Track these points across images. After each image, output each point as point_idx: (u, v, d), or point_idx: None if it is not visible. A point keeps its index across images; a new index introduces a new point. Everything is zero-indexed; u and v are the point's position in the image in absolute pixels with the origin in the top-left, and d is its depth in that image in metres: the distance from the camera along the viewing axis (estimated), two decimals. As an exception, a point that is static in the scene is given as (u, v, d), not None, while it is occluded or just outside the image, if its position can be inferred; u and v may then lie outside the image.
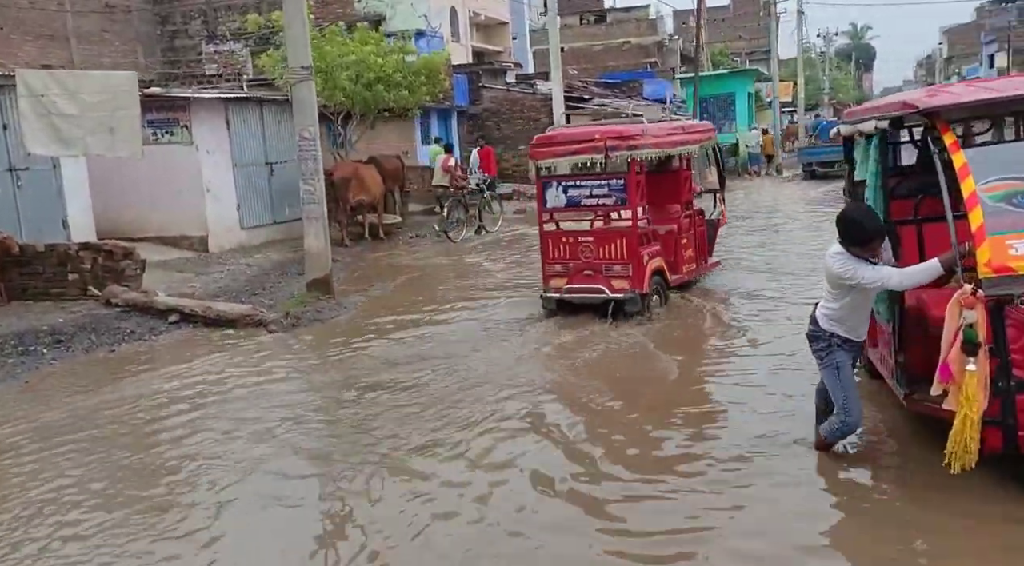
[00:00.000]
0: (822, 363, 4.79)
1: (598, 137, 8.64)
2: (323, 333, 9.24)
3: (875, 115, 4.77)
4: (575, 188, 8.92)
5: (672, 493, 4.71)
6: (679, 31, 53.44)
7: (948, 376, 3.85)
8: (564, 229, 9.00)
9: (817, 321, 4.76)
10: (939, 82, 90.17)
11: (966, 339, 3.77)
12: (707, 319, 8.83)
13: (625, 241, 8.60)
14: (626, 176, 8.64)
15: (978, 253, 3.79)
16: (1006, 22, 62.14)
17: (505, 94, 26.65)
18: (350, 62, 16.13)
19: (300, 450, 5.73)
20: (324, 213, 10.49)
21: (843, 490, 4.62)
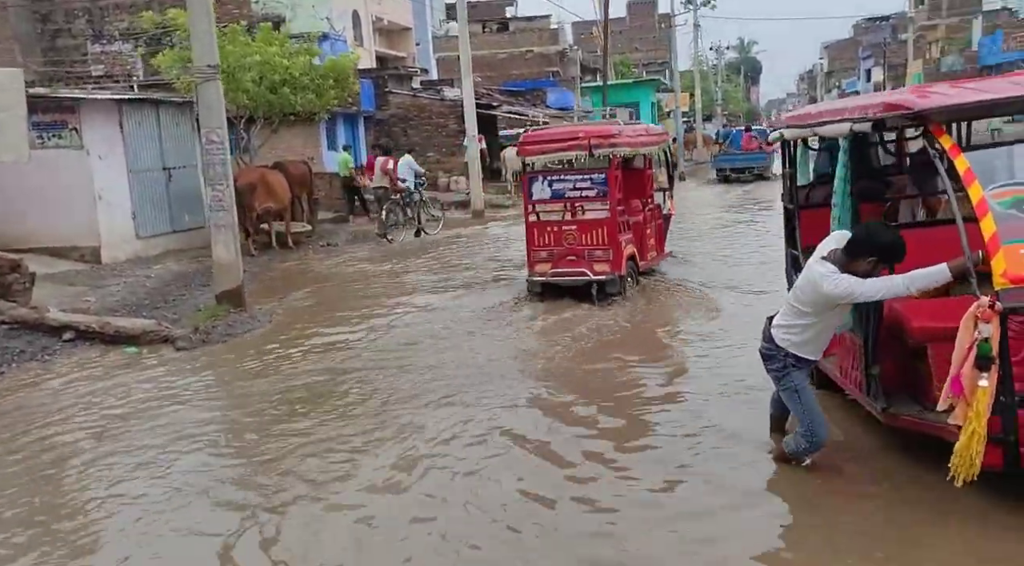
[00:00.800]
0: (779, 385, 4.64)
1: (582, 136, 9.57)
2: (236, 348, 8.67)
3: (850, 118, 4.57)
4: (559, 182, 9.82)
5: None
6: (578, 42, 54.18)
7: (960, 390, 3.68)
8: (544, 219, 9.86)
9: (772, 339, 4.55)
10: (821, 95, 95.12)
11: (980, 354, 3.60)
12: (673, 296, 10.01)
13: (606, 229, 9.52)
14: (607, 171, 9.56)
15: (993, 263, 3.64)
16: (881, 39, 66.02)
17: (412, 100, 26.27)
18: (253, 63, 15.45)
19: (221, 482, 5.26)
20: (234, 221, 9.90)
21: (800, 502, 4.52)
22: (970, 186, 3.79)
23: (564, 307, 9.36)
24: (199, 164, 15.68)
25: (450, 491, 4.84)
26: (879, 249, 4.15)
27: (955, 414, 3.76)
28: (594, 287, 9.40)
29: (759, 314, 6.78)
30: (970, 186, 3.79)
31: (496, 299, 10.15)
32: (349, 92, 17.93)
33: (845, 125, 4.57)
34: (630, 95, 30.46)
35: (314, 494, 4.90)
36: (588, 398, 6.31)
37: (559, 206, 9.80)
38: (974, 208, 3.75)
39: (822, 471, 4.72)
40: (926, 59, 50.98)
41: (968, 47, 46.67)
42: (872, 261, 4.18)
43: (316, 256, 15.30)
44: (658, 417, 5.91)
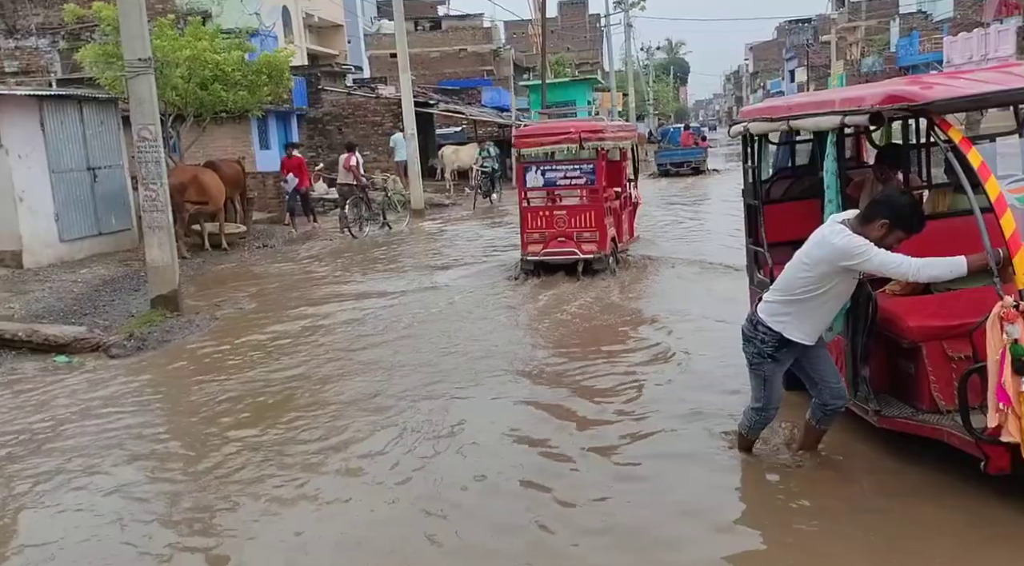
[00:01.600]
0: (753, 370, 4.51)
1: (573, 130, 10.81)
2: (175, 355, 8.28)
3: (840, 110, 4.41)
4: (552, 171, 11.04)
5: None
6: (511, 41, 54.23)
7: (1007, 400, 3.43)
8: (536, 205, 10.95)
9: (759, 321, 4.34)
10: (747, 96, 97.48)
11: (1015, 356, 3.40)
12: (647, 269, 11.52)
13: (593, 213, 10.68)
14: (595, 161, 10.80)
15: (1016, 261, 3.50)
16: (804, 40, 67.89)
17: (347, 98, 25.76)
18: (183, 58, 14.85)
19: (161, 497, 4.95)
20: (169, 221, 9.47)
21: (768, 503, 4.48)
22: (986, 181, 3.64)
23: (558, 281, 10.62)
24: (125, 164, 15.03)
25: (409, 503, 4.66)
26: (894, 210, 3.94)
27: (1007, 430, 3.50)
28: (580, 264, 10.61)
29: (712, 278, 10.19)
30: (986, 181, 3.64)
31: (444, 300, 10.02)
32: (284, 89, 17.41)
33: (836, 118, 4.42)
34: (566, 94, 30.49)
35: (258, 510, 4.65)
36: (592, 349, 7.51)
37: (553, 192, 11.03)
38: (992, 204, 3.60)
39: (783, 473, 4.66)
40: (847, 60, 52.65)
41: (887, 48, 48.34)
42: (885, 224, 3.96)
43: (252, 257, 14.82)
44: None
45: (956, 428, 4.02)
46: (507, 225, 16.58)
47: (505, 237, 14.97)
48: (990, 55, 32.04)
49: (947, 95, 4.02)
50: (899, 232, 3.97)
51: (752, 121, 5.66)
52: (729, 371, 6.05)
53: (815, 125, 4.79)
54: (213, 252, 15.09)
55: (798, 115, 5.01)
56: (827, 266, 4.07)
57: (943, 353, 4.26)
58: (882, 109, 4.14)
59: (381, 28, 46.49)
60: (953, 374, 4.22)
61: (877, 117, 4.22)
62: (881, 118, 4.27)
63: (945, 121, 3.98)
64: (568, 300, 9.61)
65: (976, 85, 4.21)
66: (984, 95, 4.17)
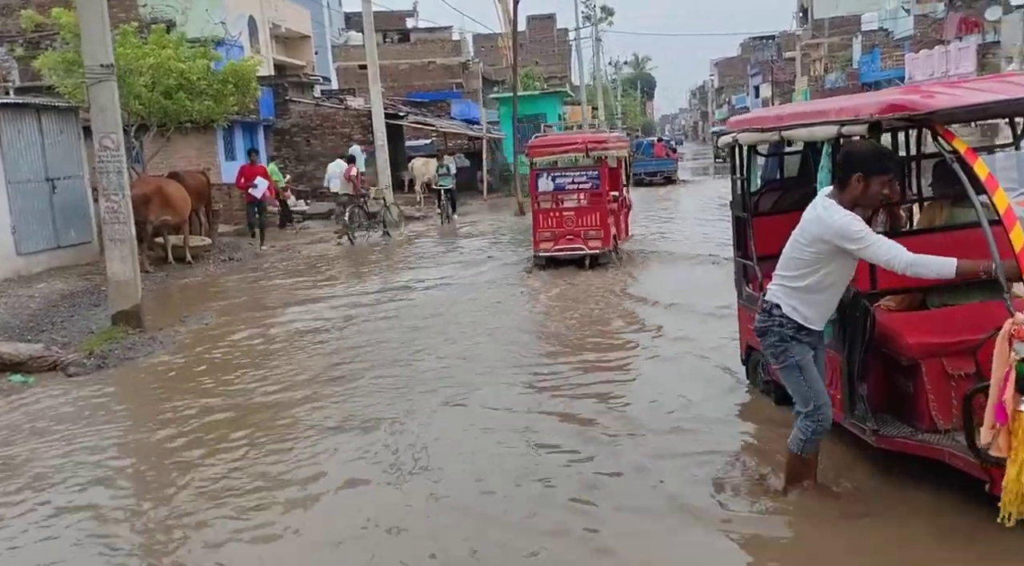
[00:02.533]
0: (778, 362, 4.14)
1: (580, 141, 12.53)
2: (137, 374, 7.92)
3: (837, 120, 4.26)
4: (561, 177, 12.45)
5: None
6: (479, 54, 54.25)
7: (1004, 418, 3.37)
8: (547, 208, 12.28)
9: (772, 308, 4.08)
10: (712, 111, 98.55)
11: (1020, 375, 3.31)
12: (644, 262, 13.02)
13: (598, 214, 12.15)
14: (599, 168, 12.33)
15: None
16: (768, 56, 68.84)
17: (315, 109, 25.45)
18: (147, 67, 14.49)
19: (120, 523, 4.64)
20: (132, 234, 9.11)
21: (745, 522, 4.29)
22: (994, 193, 3.53)
23: (569, 272, 12.04)
24: (85, 175, 14.59)
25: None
26: (859, 160, 3.81)
27: (997, 445, 3.44)
28: (587, 259, 12.10)
29: (698, 266, 11.77)
30: (994, 193, 3.53)
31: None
32: (251, 98, 17.08)
33: (832, 128, 4.27)
34: (537, 107, 30.45)
35: (220, 538, 4.38)
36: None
37: (563, 196, 12.30)
38: (1001, 216, 3.49)
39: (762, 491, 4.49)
40: (811, 76, 53.44)
41: (850, 65, 49.13)
42: (859, 177, 3.80)
43: (218, 271, 14.44)
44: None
45: (958, 448, 3.89)
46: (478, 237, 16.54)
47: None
48: (951, 72, 32.64)
49: (950, 105, 3.90)
50: (878, 178, 3.82)
51: (741, 132, 5.50)
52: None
53: (810, 135, 4.63)
54: (177, 266, 14.67)
55: (791, 125, 4.85)
56: (823, 244, 3.89)
57: (943, 371, 4.12)
58: (882, 118, 4.00)
59: (349, 40, 46.21)
60: (952, 393, 4.09)
61: (876, 126, 4.08)
62: (880, 128, 4.13)
63: (949, 131, 3.83)
64: (580, 286, 11.09)
65: (978, 94, 4.09)
66: (987, 104, 4.03)
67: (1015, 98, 4.00)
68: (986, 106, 4.05)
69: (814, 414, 4.07)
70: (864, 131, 4.11)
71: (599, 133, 14.49)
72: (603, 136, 13.51)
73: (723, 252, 10.70)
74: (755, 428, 5.38)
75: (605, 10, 51.84)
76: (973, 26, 34.86)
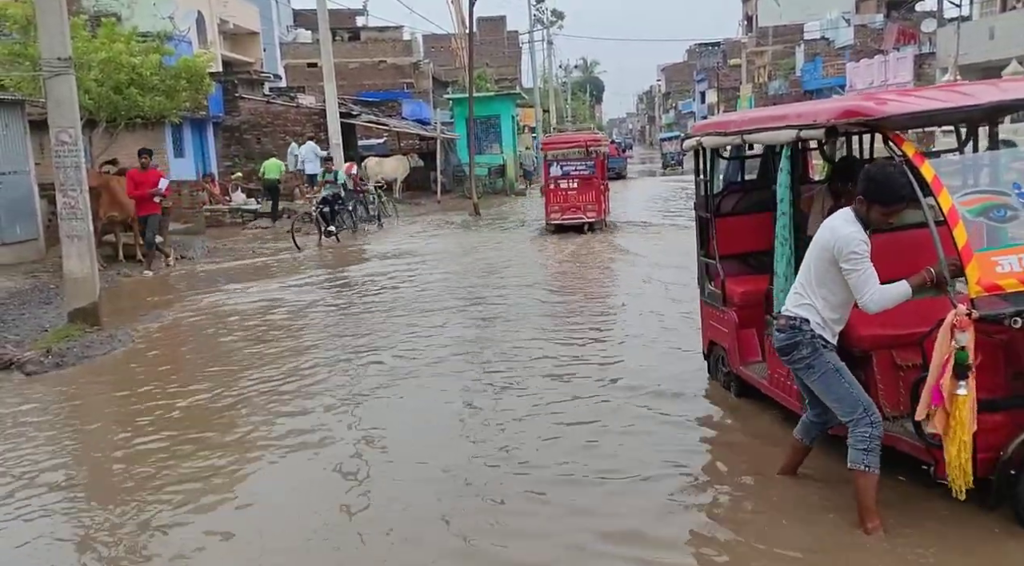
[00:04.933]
0: (814, 371, 4.02)
1: (581, 140, 18.27)
2: (97, 371, 7.79)
3: (796, 125, 4.46)
4: (567, 166, 17.04)
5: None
6: (430, 54, 54.10)
7: (940, 400, 3.60)
8: (555, 188, 16.92)
9: (796, 326, 4.02)
10: (659, 115, 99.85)
11: (958, 362, 3.52)
12: (622, 228, 17.67)
13: (595, 192, 16.89)
14: (596, 160, 17.40)
15: (968, 271, 3.63)
16: (714, 63, 70.18)
17: (265, 106, 25.10)
18: (97, 61, 14.15)
19: (84, 525, 4.60)
20: (89, 230, 8.94)
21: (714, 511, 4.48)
22: (939, 194, 3.73)
23: (573, 235, 16.56)
24: (31, 169, 14.20)
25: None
26: (865, 182, 3.83)
27: (933, 422, 3.68)
28: (586, 226, 16.80)
29: (656, 232, 16.91)
30: (939, 194, 3.73)
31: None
32: (204, 94, 16.81)
33: (791, 132, 4.49)
34: (491, 108, 30.51)
35: (180, 539, 4.35)
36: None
37: (568, 180, 16.78)
38: (945, 216, 3.70)
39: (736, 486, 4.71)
40: (756, 83, 54.67)
41: (793, 73, 50.41)
42: (860, 199, 3.85)
43: (170, 269, 14.18)
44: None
45: (905, 434, 4.14)
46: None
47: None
48: (889, 81, 33.78)
49: (901, 110, 4.11)
50: (876, 207, 3.82)
51: (705, 135, 5.70)
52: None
53: (770, 138, 4.84)
54: (127, 263, 14.37)
55: (753, 129, 5.07)
56: (824, 251, 3.92)
57: (892, 362, 4.37)
58: (837, 123, 4.20)
59: (297, 37, 45.66)
60: (901, 382, 4.33)
61: (832, 131, 4.29)
62: (836, 132, 4.34)
63: (899, 136, 4.04)
64: (583, 245, 15.31)
65: (927, 102, 4.33)
66: (936, 111, 4.26)
67: (960, 106, 4.26)
68: (933, 113, 4.27)
69: (866, 416, 3.90)
70: (821, 135, 4.35)
71: (595, 134, 20.58)
72: (597, 136, 20.11)
73: (666, 222, 18.30)
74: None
75: (556, 13, 52.26)
76: (910, 37, 36.15)
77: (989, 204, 3.78)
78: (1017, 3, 29.06)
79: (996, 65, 26.13)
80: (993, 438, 3.74)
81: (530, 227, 18.68)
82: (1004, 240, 3.82)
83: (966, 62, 28.93)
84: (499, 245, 16.12)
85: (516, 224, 20.19)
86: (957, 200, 3.74)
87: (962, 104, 4.28)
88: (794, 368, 4.18)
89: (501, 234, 18.19)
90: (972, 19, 31.39)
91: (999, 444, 3.76)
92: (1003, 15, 29.22)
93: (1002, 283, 3.64)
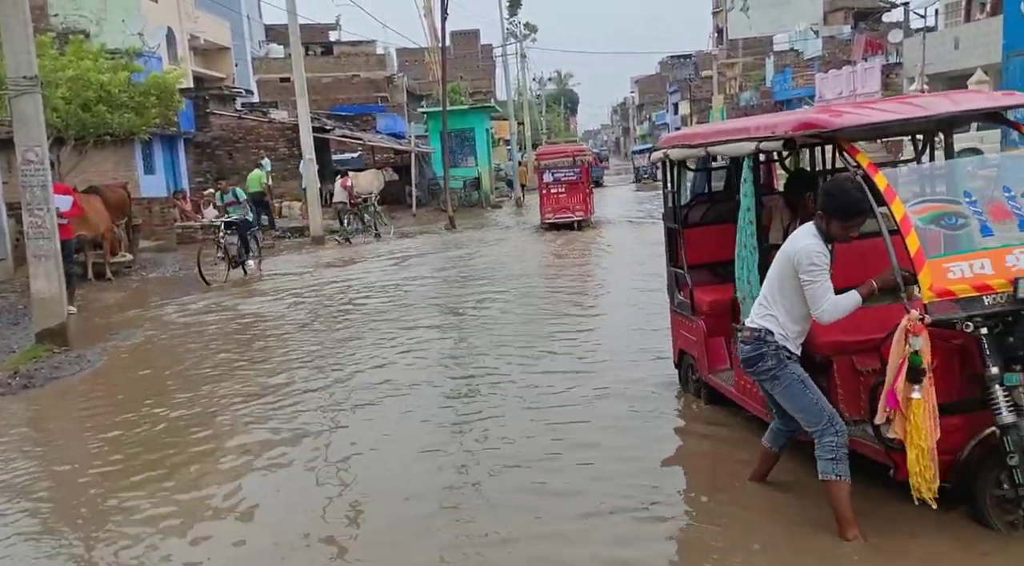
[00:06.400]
0: (778, 384, 4.08)
1: (569, 151, 21.90)
2: (65, 392, 7.70)
3: (756, 137, 4.57)
4: (558, 173, 20.53)
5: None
6: (404, 68, 54.22)
7: (895, 404, 3.66)
8: (548, 192, 20.59)
9: (760, 337, 4.06)
10: (633, 127, 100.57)
11: (912, 366, 3.58)
12: (605, 225, 20.90)
13: (582, 195, 20.45)
14: (582, 168, 20.88)
15: (920, 278, 3.70)
16: (686, 75, 70.84)
17: (237, 122, 25.02)
18: (65, 79, 14.07)
19: (59, 547, 4.55)
20: (57, 250, 8.84)
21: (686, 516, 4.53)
22: (892, 203, 3.80)
23: (564, 231, 19.71)
24: (-2, 188, 14.06)
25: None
26: (824, 198, 3.88)
27: (892, 428, 3.73)
28: (575, 224, 19.95)
29: (635, 227, 20.25)
30: (892, 203, 3.80)
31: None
32: (174, 111, 16.74)
33: (751, 144, 4.58)
34: (466, 121, 30.55)
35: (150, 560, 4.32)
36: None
37: (558, 185, 20.42)
38: (898, 224, 3.77)
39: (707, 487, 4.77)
40: (727, 94, 55.25)
41: (763, 84, 51.03)
42: (820, 214, 3.91)
43: (141, 287, 14.05)
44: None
45: (866, 438, 4.19)
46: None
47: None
48: (858, 91, 34.31)
49: (854, 122, 4.18)
50: (836, 221, 3.86)
51: (672, 148, 5.78)
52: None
53: (734, 150, 4.90)
54: (97, 282, 14.23)
55: (716, 141, 5.15)
56: (786, 264, 3.98)
57: (852, 367, 4.44)
58: (794, 135, 4.30)
59: (269, 52, 45.57)
60: (860, 387, 4.38)
61: (790, 142, 4.39)
62: (794, 143, 4.44)
63: (853, 147, 4.13)
64: (572, 238, 18.42)
65: (880, 114, 4.41)
66: (887, 122, 4.33)
67: (911, 117, 4.35)
68: (885, 124, 4.33)
69: (831, 426, 3.94)
70: (780, 147, 4.47)
71: (580, 146, 25.58)
72: (582, 147, 24.84)
73: (639, 219, 21.80)
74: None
75: (529, 27, 52.61)
76: (877, 48, 36.77)
77: (940, 212, 3.87)
78: (980, 14, 29.68)
79: (961, 74, 26.67)
80: (951, 440, 3.80)
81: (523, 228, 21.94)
82: (964, 246, 3.89)
83: (932, 71, 29.47)
84: (503, 241, 19.38)
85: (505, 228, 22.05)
86: (909, 209, 3.81)
87: (913, 115, 4.37)
88: (759, 379, 4.23)
89: (506, 232, 21.74)
90: (938, 30, 32.01)
91: (956, 447, 3.83)
92: (967, 25, 29.83)
93: (954, 288, 3.70)
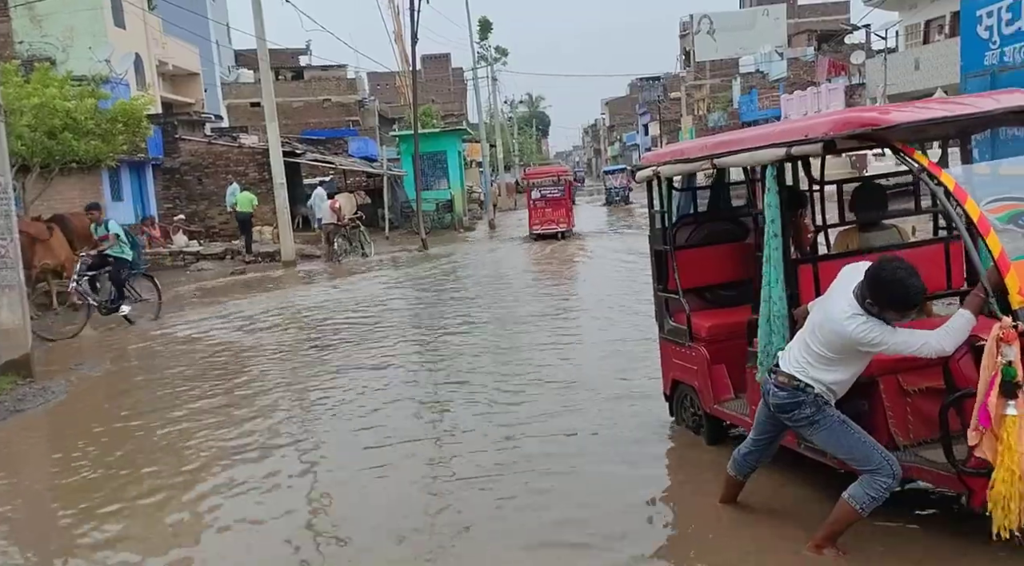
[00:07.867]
0: (819, 427, 3.82)
1: (554, 172, 26.20)
2: (29, 425, 7.52)
3: (783, 142, 4.08)
4: (544, 190, 23.96)
5: None
6: (375, 92, 54.32)
7: (988, 422, 3.32)
8: (536, 206, 23.92)
9: (805, 387, 3.79)
10: (604, 148, 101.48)
11: (1005, 379, 3.25)
12: (586, 236, 24.16)
13: (564, 209, 23.91)
14: (566, 186, 24.45)
15: (1007, 281, 3.32)
16: (655, 96, 71.62)
17: (207, 147, 24.82)
18: (30, 106, 13.89)
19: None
20: (20, 280, 8.67)
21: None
22: (965, 202, 3.47)
23: (549, 242, 22.82)
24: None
25: None
26: (874, 289, 3.53)
27: (982, 448, 3.38)
28: (559, 234, 23.18)
29: (603, 235, 25.04)
30: (965, 202, 3.47)
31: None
32: (141, 137, 16.59)
33: (779, 150, 4.10)
34: (438, 144, 30.61)
35: None
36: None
37: (544, 201, 23.83)
38: (975, 225, 3.43)
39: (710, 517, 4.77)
40: (696, 115, 55.95)
41: (731, 105, 51.77)
42: (871, 303, 3.58)
43: (106, 317, 13.79)
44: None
45: (926, 463, 3.89)
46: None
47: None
48: (822, 112, 34.90)
49: (908, 119, 3.74)
50: (891, 313, 3.57)
51: (663, 164, 5.27)
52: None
53: (751, 160, 4.42)
54: (63, 311, 13.95)
55: (726, 152, 4.65)
56: (849, 349, 3.70)
57: (899, 387, 4.12)
58: (836, 136, 3.83)
59: (240, 77, 45.42)
60: (908, 408, 4.10)
61: (831, 145, 3.90)
62: (835, 146, 3.91)
63: (909, 146, 3.74)
64: (557, 248, 21.16)
65: (930, 111, 3.96)
66: (943, 119, 3.87)
67: (962, 115, 3.96)
68: (941, 121, 3.88)
69: (888, 467, 3.66)
70: (819, 150, 3.98)
71: (563, 168, 31.16)
72: (564, 168, 30.57)
73: (612, 230, 26.00)
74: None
75: (499, 50, 53.03)
76: (840, 69, 37.46)
77: (1016, 211, 3.65)
78: (939, 35, 30.39)
79: (923, 94, 27.19)
80: None
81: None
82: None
83: (894, 91, 30.06)
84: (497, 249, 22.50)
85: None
86: (984, 207, 3.51)
87: (964, 113, 3.97)
88: (794, 426, 3.97)
89: (499, 242, 24.87)
90: (899, 51, 32.70)
91: None
92: (926, 47, 30.49)
93: None
